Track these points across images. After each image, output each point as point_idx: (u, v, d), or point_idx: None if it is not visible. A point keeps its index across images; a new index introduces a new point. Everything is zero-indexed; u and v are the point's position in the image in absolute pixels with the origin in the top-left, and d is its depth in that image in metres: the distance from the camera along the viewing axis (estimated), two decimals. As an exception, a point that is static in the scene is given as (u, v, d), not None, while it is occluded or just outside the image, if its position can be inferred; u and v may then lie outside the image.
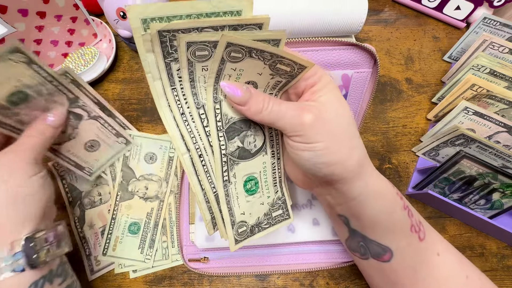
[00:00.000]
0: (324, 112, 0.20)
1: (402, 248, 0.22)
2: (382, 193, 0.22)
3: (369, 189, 0.21)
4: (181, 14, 0.17)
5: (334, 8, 0.38)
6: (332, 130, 0.20)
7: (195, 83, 0.19)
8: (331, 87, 0.21)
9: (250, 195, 0.23)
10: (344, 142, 0.21)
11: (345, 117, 0.21)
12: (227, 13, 0.18)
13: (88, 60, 0.45)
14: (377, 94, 0.48)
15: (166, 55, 0.18)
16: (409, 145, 0.46)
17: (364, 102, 0.36)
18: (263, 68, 0.20)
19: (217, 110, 0.20)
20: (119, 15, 0.42)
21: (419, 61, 0.51)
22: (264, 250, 0.38)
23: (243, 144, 0.22)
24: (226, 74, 0.19)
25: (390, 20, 0.54)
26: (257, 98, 0.20)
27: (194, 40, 0.17)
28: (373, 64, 0.33)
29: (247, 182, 0.23)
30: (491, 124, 0.37)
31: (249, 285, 0.38)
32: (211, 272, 0.37)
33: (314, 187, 0.25)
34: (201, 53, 0.18)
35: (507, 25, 0.43)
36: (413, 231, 0.22)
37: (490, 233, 0.41)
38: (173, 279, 0.38)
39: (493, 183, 0.36)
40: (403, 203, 0.23)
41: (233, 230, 0.23)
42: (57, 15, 0.45)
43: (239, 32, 0.18)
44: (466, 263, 0.24)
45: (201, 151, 0.21)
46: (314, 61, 0.32)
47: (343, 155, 0.20)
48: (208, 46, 0.17)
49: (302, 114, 0.20)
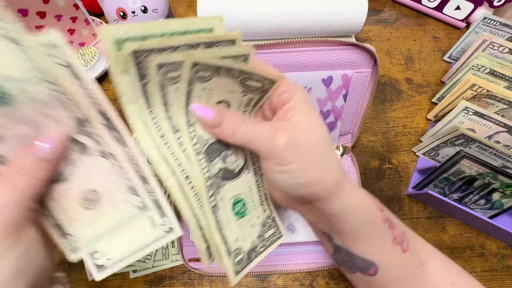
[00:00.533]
0: (297, 132, 0.20)
1: (386, 262, 0.22)
2: (362, 208, 0.22)
3: (348, 205, 0.22)
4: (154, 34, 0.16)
5: (334, 8, 0.38)
6: (306, 150, 0.20)
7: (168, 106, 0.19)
8: (304, 105, 0.21)
9: (240, 218, 0.23)
10: (318, 162, 0.20)
11: (319, 136, 0.21)
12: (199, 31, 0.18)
13: (88, 60, 0.45)
14: (377, 94, 0.48)
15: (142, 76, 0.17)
16: (409, 145, 0.46)
17: (364, 102, 0.36)
18: (234, 85, 0.19)
19: (192, 133, 0.20)
20: (119, 15, 0.42)
21: (419, 61, 0.51)
22: (264, 250, 0.38)
23: (225, 164, 0.21)
24: (195, 95, 0.19)
25: (390, 20, 0.54)
26: (230, 119, 0.20)
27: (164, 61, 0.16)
28: (373, 64, 0.33)
29: (235, 205, 0.22)
30: (491, 124, 0.37)
31: (249, 285, 0.38)
32: (211, 272, 0.37)
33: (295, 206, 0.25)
34: (172, 75, 0.17)
35: (507, 25, 0.43)
36: (395, 243, 0.22)
37: (490, 233, 0.41)
38: (173, 279, 0.38)
39: (493, 183, 0.36)
40: (383, 215, 0.23)
41: (230, 260, 0.21)
42: (57, 15, 0.45)
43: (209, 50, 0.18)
44: (453, 270, 0.24)
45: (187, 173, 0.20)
46: (314, 61, 0.32)
47: (318, 175, 0.20)
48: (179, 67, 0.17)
49: (276, 136, 0.20)
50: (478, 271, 0.39)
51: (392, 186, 0.43)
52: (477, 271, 0.39)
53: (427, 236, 0.41)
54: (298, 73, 0.33)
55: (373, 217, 0.22)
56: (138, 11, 0.42)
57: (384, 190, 0.43)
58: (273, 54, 0.31)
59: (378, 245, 0.22)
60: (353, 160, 0.40)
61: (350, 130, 0.40)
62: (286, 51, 0.31)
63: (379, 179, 0.44)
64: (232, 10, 0.38)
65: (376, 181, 0.44)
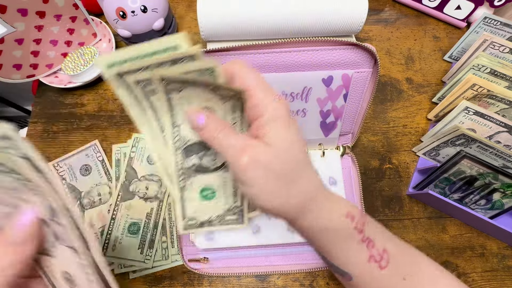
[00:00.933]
0: (263, 155, 0.19)
1: (362, 277, 0.23)
2: (331, 230, 0.22)
3: (317, 228, 0.22)
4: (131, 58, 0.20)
5: (334, 8, 0.37)
6: (267, 176, 0.20)
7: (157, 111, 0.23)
8: (278, 123, 0.20)
9: (205, 200, 0.26)
10: (280, 189, 0.20)
11: (288, 158, 0.20)
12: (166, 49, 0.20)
13: (87, 59, 0.45)
14: (377, 94, 0.48)
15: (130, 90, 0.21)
16: (410, 145, 0.46)
17: (364, 102, 0.36)
18: (208, 94, 0.21)
19: (175, 133, 0.23)
20: (119, 14, 0.42)
21: (420, 61, 0.51)
22: (264, 250, 0.38)
23: (201, 161, 0.25)
24: (175, 103, 0.22)
25: (391, 20, 0.54)
26: (211, 126, 0.21)
27: (139, 79, 0.20)
28: (373, 64, 0.33)
29: (204, 191, 0.26)
30: (491, 124, 0.37)
31: (249, 285, 0.38)
32: (211, 272, 0.37)
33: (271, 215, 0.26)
34: (151, 88, 0.21)
35: (507, 24, 0.43)
36: (371, 261, 0.22)
37: (491, 233, 0.40)
38: (173, 280, 0.38)
39: (493, 183, 0.36)
40: (361, 236, 0.22)
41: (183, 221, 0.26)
42: (57, 15, 0.44)
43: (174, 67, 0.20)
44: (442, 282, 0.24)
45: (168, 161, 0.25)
46: (314, 61, 0.32)
47: (279, 201, 0.20)
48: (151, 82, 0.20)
49: (240, 155, 0.19)
50: (479, 271, 0.39)
51: (392, 186, 0.43)
52: (478, 271, 0.39)
53: (427, 236, 0.41)
54: (298, 73, 0.33)
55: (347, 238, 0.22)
56: (138, 10, 0.42)
57: (384, 190, 0.43)
58: (273, 54, 0.31)
59: (352, 262, 0.23)
60: (353, 160, 0.40)
61: (350, 130, 0.39)
62: (286, 51, 0.31)
63: (379, 179, 0.44)
64: (232, 10, 0.38)
65: (376, 181, 0.44)
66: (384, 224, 0.41)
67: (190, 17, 0.54)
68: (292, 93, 0.34)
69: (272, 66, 0.32)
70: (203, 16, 0.38)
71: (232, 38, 0.41)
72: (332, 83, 0.34)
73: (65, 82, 0.46)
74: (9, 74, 0.42)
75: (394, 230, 0.41)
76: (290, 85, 0.33)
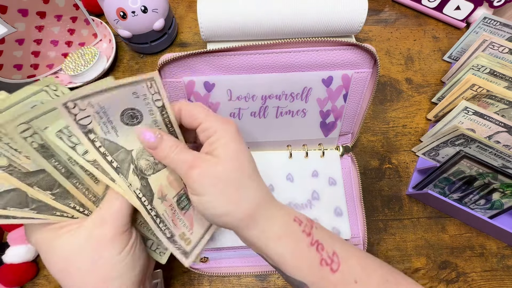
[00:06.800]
0: (212, 167, 0.22)
1: (316, 282, 0.23)
2: (282, 236, 0.23)
3: (267, 235, 0.23)
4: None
5: (334, 8, 0.38)
6: (217, 184, 0.22)
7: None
8: (226, 138, 0.23)
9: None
10: (229, 195, 0.22)
11: (235, 168, 0.23)
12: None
13: (88, 60, 0.45)
14: (377, 94, 0.48)
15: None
16: (409, 145, 0.46)
17: (364, 102, 0.36)
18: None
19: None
20: (119, 15, 0.42)
21: (419, 61, 0.51)
22: (264, 250, 0.38)
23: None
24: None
25: (390, 20, 0.54)
26: (166, 144, 0.23)
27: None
28: (373, 64, 0.33)
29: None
30: (491, 124, 0.37)
31: (249, 285, 0.38)
32: (211, 272, 0.37)
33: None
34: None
35: (507, 25, 0.43)
36: (323, 265, 0.23)
37: (490, 233, 0.41)
38: (173, 279, 0.38)
39: (493, 183, 0.36)
40: (310, 240, 0.23)
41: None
42: (57, 15, 0.45)
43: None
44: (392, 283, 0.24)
45: None
46: (314, 61, 0.32)
47: (229, 207, 0.22)
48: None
49: (192, 167, 0.22)
50: (478, 271, 0.39)
51: (392, 186, 0.43)
52: (477, 271, 0.39)
53: (427, 236, 0.41)
54: (298, 73, 0.33)
55: (297, 242, 0.23)
56: (138, 11, 0.42)
57: (384, 190, 0.43)
58: (273, 54, 0.31)
59: (305, 268, 0.23)
60: (353, 160, 0.40)
61: (350, 130, 0.40)
62: (286, 51, 0.31)
63: (379, 179, 0.44)
64: (232, 11, 0.38)
65: (376, 181, 0.44)
66: (384, 224, 0.41)
67: (190, 17, 0.54)
68: (292, 93, 0.34)
69: (272, 66, 0.32)
70: (203, 16, 0.38)
71: (232, 38, 0.41)
72: (332, 83, 0.34)
73: (65, 83, 0.46)
74: (10, 74, 0.42)
75: (393, 230, 0.41)
76: (290, 85, 0.34)
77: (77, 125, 0.20)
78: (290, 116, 0.36)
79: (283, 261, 0.23)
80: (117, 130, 0.22)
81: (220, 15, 0.38)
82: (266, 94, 0.34)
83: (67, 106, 0.19)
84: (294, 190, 0.38)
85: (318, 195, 0.38)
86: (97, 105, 0.21)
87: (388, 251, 0.40)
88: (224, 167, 0.22)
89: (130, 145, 0.23)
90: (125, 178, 0.23)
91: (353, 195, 0.40)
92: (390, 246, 0.40)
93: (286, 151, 0.40)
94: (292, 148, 0.40)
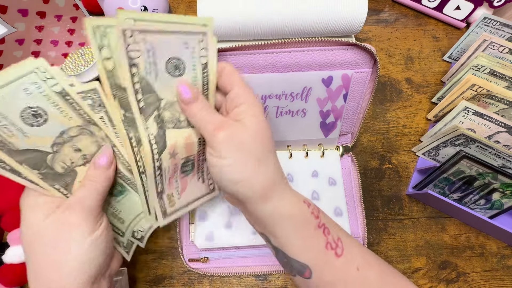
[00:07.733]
0: (239, 132, 0.22)
1: (319, 265, 0.23)
2: (294, 214, 0.23)
3: (278, 211, 0.23)
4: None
5: (334, 8, 0.38)
6: (241, 150, 0.22)
7: None
8: (254, 111, 0.24)
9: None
10: (250, 163, 0.22)
11: (259, 140, 0.23)
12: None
13: (88, 60, 0.45)
14: (377, 94, 0.48)
15: None
16: (409, 145, 0.46)
17: (364, 102, 0.36)
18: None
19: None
20: (119, 15, 0.42)
21: (419, 61, 0.51)
22: (264, 250, 0.38)
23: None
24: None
25: (390, 20, 0.54)
26: (199, 103, 0.23)
27: None
28: (373, 64, 0.33)
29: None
30: (491, 124, 0.37)
31: (249, 285, 0.38)
32: (211, 272, 0.37)
33: (233, 202, 0.28)
34: None
35: (507, 25, 0.43)
36: (328, 248, 0.23)
37: (490, 233, 0.41)
38: (173, 279, 0.38)
39: (493, 183, 0.36)
40: (317, 222, 0.24)
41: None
42: (57, 15, 0.45)
43: None
44: (391, 275, 0.24)
45: None
46: (314, 61, 0.32)
47: (246, 176, 0.22)
48: None
49: (219, 129, 0.22)
50: (478, 271, 0.39)
51: (392, 186, 0.43)
52: (477, 271, 0.39)
53: (427, 236, 0.41)
54: (298, 73, 0.33)
55: (306, 225, 0.23)
56: (138, 11, 0.42)
57: (384, 190, 0.43)
58: (273, 54, 0.31)
59: (311, 249, 0.23)
60: (353, 160, 0.40)
61: (350, 130, 0.40)
62: (286, 51, 0.31)
63: (379, 179, 0.44)
64: (232, 11, 0.38)
65: (376, 181, 0.44)
66: (384, 224, 0.41)
67: (190, 18, 0.54)
68: (292, 93, 0.34)
69: (272, 66, 0.32)
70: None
71: (232, 38, 0.41)
72: (332, 83, 0.34)
73: (65, 82, 0.46)
74: (10, 74, 0.42)
75: (393, 230, 0.41)
76: (290, 85, 0.34)
77: (126, 55, 0.20)
78: (290, 116, 0.36)
79: (289, 241, 0.23)
80: (158, 75, 0.22)
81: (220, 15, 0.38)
82: (266, 94, 0.34)
83: (125, 34, 0.19)
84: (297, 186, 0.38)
85: (318, 195, 0.38)
86: (149, 44, 0.21)
87: (388, 251, 0.40)
88: (250, 135, 0.22)
89: (163, 94, 0.23)
90: (145, 120, 0.23)
91: (353, 195, 0.40)
92: (390, 246, 0.40)
93: (286, 151, 0.40)
94: (292, 148, 0.40)
